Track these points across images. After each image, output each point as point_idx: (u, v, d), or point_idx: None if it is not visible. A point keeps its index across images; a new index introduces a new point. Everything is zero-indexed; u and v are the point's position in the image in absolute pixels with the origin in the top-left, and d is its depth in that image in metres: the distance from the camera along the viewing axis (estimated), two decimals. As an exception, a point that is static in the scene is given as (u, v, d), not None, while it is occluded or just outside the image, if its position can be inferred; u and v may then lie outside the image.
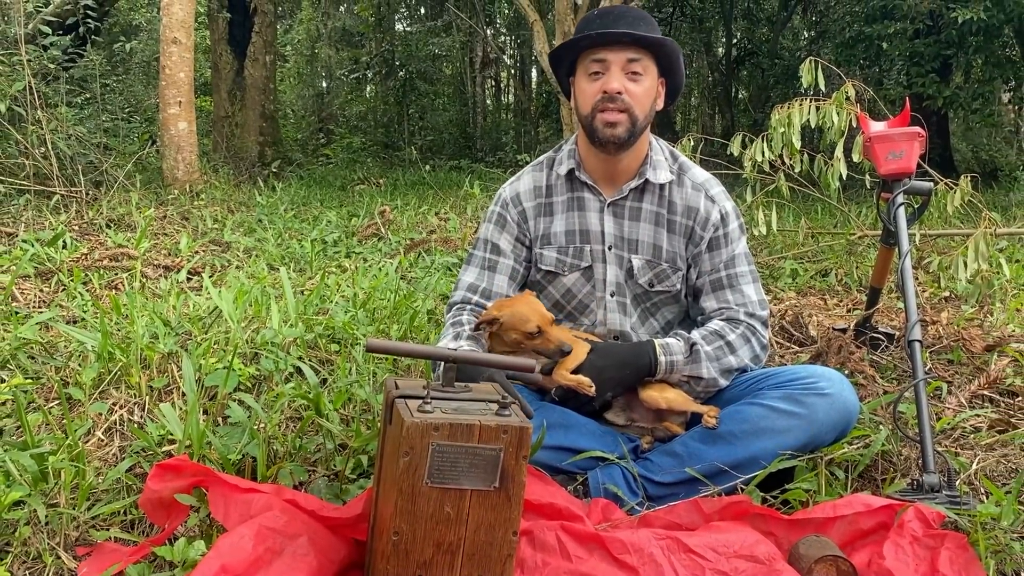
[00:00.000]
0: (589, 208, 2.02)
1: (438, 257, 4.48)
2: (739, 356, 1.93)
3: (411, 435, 1.33)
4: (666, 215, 1.99)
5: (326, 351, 2.58)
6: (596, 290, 2.04)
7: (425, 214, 6.30)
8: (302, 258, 4.45)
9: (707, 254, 1.99)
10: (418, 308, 3.02)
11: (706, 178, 2.02)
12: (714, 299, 1.99)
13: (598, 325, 2.05)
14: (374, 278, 3.75)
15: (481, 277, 2.06)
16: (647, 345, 1.90)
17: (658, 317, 2.05)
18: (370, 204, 6.89)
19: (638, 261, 2.00)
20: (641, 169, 1.99)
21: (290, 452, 1.95)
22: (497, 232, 2.08)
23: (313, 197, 7.67)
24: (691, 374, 1.91)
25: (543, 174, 2.09)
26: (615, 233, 2.01)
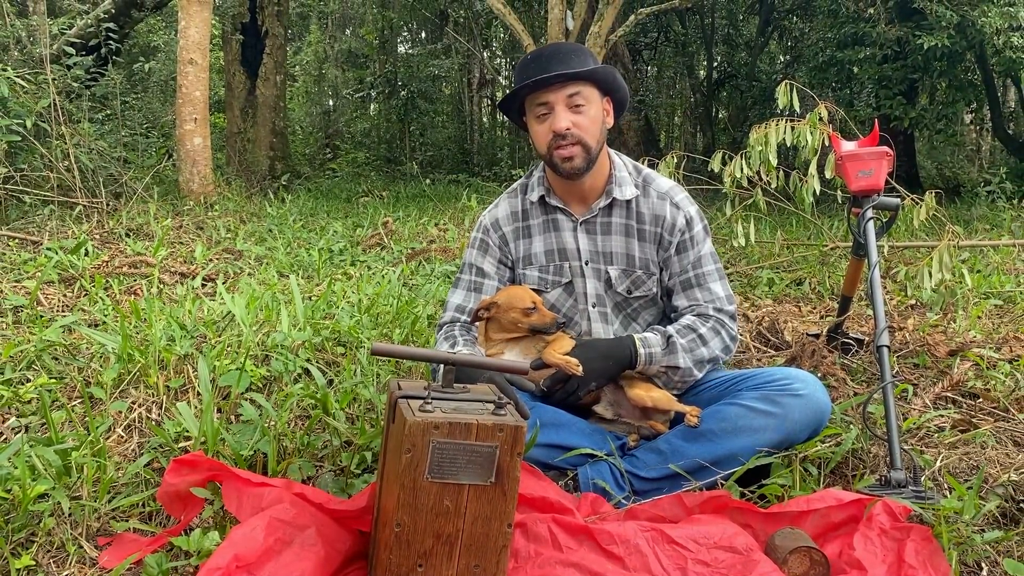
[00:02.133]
0: (563, 228, 2.04)
1: (437, 265, 4.48)
2: (711, 347, 1.95)
3: (413, 433, 1.33)
4: (635, 225, 2.01)
5: (333, 353, 2.59)
6: (578, 303, 2.05)
7: (425, 225, 6.30)
8: (310, 266, 4.45)
9: (675, 257, 2.00)
10: (419, 313, 3.02)
11: (670, 186, 2.04)
12: (684, 297, 2.01)
13: (583, 335, 2.07)
14: (377, 285, 3.75)
15: (468, 298, 2.07)
16: (627, 339, 1.92)
17: (639, 321, 2.07)
18: (374, 215, 6.89)
19: (614, 271, 2.02)
20: (607, 188, 2.01)
21: (299, 448, 1.95)
22: (480, 256, 2.10)
23: (320, 209, 7.66)
24: (668, 364, 1.92)
25: (518, 200, 2.11)
26: (590, 248, 2.02)
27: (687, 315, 2.00)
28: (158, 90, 11.12)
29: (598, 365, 1.87)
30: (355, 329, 2.73)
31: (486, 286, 2.07)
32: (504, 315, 1.92)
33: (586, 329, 2.06)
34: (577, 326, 2.07)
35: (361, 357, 2.51)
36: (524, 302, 1.89)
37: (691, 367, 1.94)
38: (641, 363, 1.91)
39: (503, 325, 1.93)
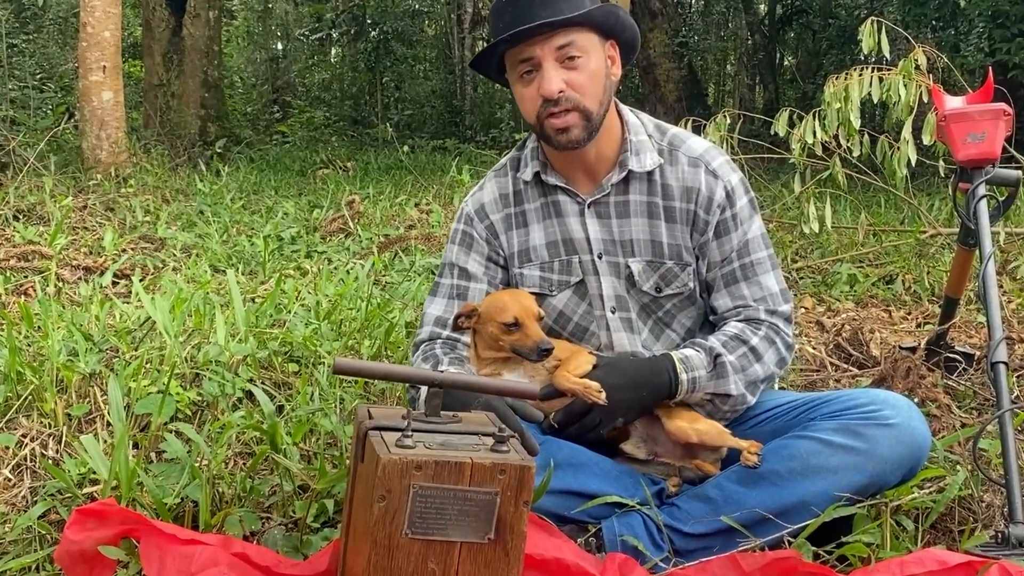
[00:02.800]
0: (567, 213, 2.04)
1: (419, 258, 4.48)
2: (765, 363, 1.95)
3: (388, 475, 1.33)
4: (661, 203, 2.01)
5: (283, 372, 2.59)
6: (594, 308, 2.05)
7: (403, 205, 6.31)
8: (253, 258, 4.46)
9: (715, 242, 2.00)
10: (395, 320, 3.03)
11: (704, 149, 2.04)
12: (728, 296, 2.01)
13: (604, 349, 2.06)
14: (341, 283, 3.75)
15: (450, 308, 2.07)
16: (664, 360, 1.92)
17: (675, 327, 2.07)
18: (335, 192, 6.90)
19: (637, 264, 2.02)
20: (621, 157, 2.01)
21: (240, 495, 1.95)
22: (463, 254, 2.10)
23: (266, 184, 7.67)
24: (716, 391, 1.92)
25: (507, 179, 2.11)
26: (603, 237, 2.03)
27: (733, 320, 2.00)
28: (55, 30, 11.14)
29: (627, 395, 1.87)
30: (312, 340, 2.74)
31: (472, 291, 2.07)
32: (485, 328, 1.93)
33: (606, 342, 2.06)
34: (594, 339, 2.07)
35: (320, 376, 2.51)
36: (504, 314, 1.88)
37: (744, 392, 1.94)
38: (683, 391, 1.91)
39: (486, 341, 1.94)
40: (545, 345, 1.84)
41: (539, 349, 1.84)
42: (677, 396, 1.91)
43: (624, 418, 1.89)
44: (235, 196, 6.61)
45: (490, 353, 1.94)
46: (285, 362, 2.64)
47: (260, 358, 2.59)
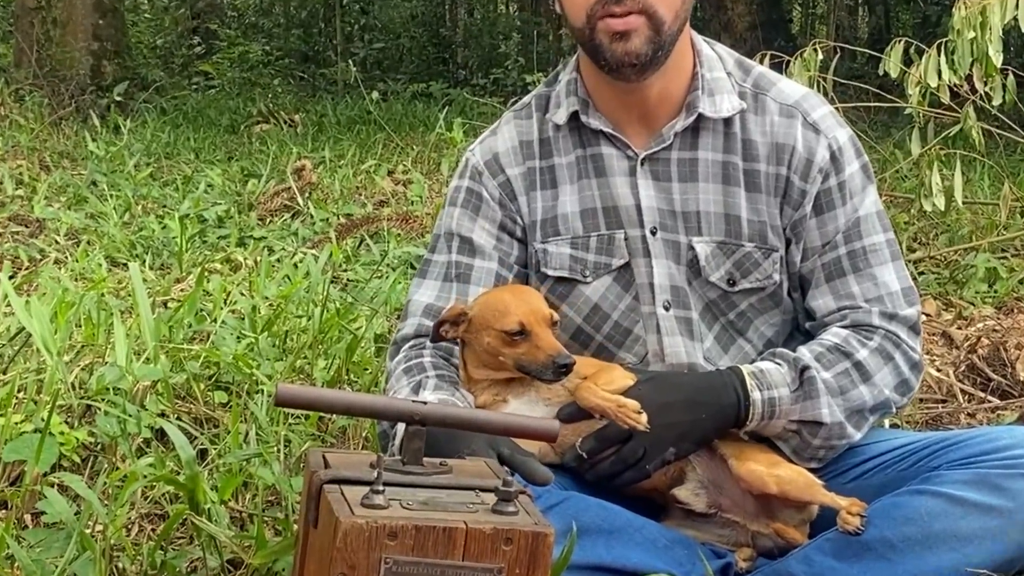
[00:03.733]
0: (613, 171, 2.06)
1: (394, 246, 4.48)
2: (875, 386, 1.96)
3: (351, 545, 1.33)
4: (740, 163, 2.03)
5: (207, 403, 2.59)
6: (641, 302, 2.07)
7: (371, 173, 6.31)
8: (165, 247, 4.46)
9: (814, 220, 2.02)
10: (360, 332, 3.04)
11: (802, 95, 2.06)
12: (830, 293, 2.03)
13: (652, 360, 2.08)
14: (285, 282, 3.75)
15: (446, 293, 2.09)
16: (730, 375, 1.94)
17: (751, 335, 2.09)
18: (278, 157, 6.91)
19: (704, 246, 2.04)
20: (689, 98, 2.03)
21: (147, 572, 1.94)
22: (467, 219, 2.12)
23: (183, 144, 7.67)
24: (803, 418, 1.93)
25: (531, 123, 2.13)
26: (660, 206, 2.04)
27: (834, 327, 2.01)
28: None
29: (680, 417, 1.89)
30: (246, 360, 2.74)
31: (477, 271, 2.09)
32: (478, 338, 1.93)
33: (654, 349, 2.07)
34: (638, 345, 2.08)
35: (258, 409, 2.51)
36: (505, 319, 1.88)
37: (842, 421, 1.95)
38: (756, 416, 1.92)
39: (480, 356, 1.94)
40: (563, 360, 1.84)
41: (555, 365, 1.84)
42: (748, 423, 1.92)
43: (676, 449, 1.90)
44: (140, 161, 6.63)
45: (485, 372, 1.94)
46: (209, 389, 2.64)
47: (175, 384, 2.59)
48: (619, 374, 1.92)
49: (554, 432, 1.54)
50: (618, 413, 1.83)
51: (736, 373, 1.93)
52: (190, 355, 2.75)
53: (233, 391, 2.66)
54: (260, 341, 2.93)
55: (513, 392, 1.93)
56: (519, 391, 1.94)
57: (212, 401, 2.60)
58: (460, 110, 9.80)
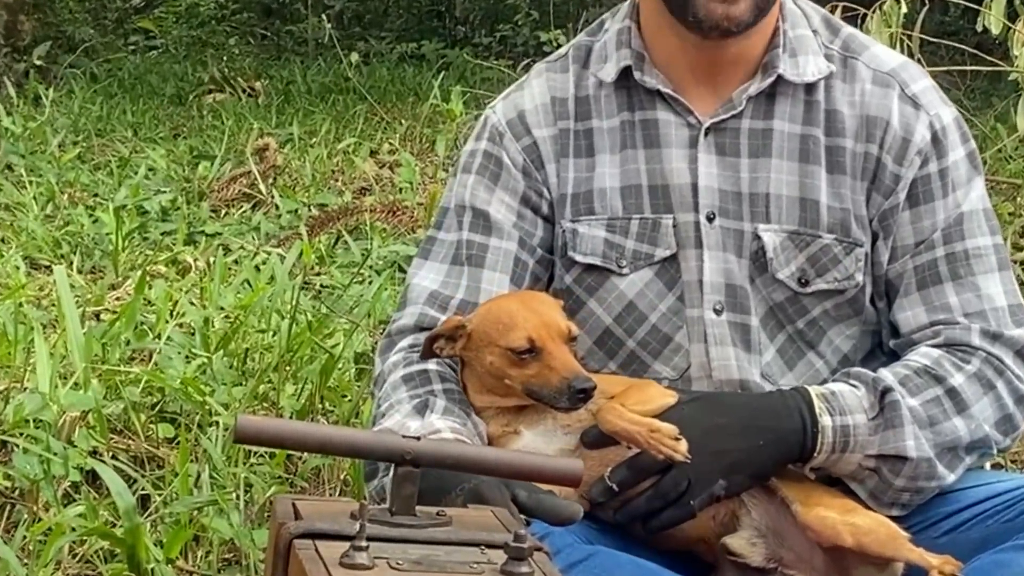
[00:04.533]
0: (668, 140, 2.08)
1: (378, 244, 4.48)
2: (973, 419, 1.97)
3: (328, 614, 1.33)
4: (822, 137, 2.05)
5: (149, 439, 2.60)
6: (686, 303, 2.09)
7: (350, 154, 6.31)
8: (97, 246, 4.46)
9: (907, 212, 2.04)
10: (337, 350, 3.04)
11: (899, 63, 2.08)
12: (921, 303, 2.04)
13: (695, 375, 2.09)
14: (246, 288, 3.75)
15: (453, 279, 2.11)
16: (795, 396, 1.95)
17: (823, 349, 2.10)
18: (236, 133, 6.92)
19: (773, 235, 2.06)
20: (768, 57, 2.05)
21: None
22: (484, 189, 2.14)
23: (118, 118, 7.66)
24: (883, 452, 1.94)
25: (568, 77, 2.15)
26: (721, 186, 2.07)
27: (924, 345, 2.02)
28: None
29: (731, 442, 1.91)
30: (196, 385, 2.74)
31: (493, 253, 2.11)
32: (478, 357, 1.95)
33: (700, 361, 2.09)
34: (680, 356, 2.10)
35: (212, 446, 2.52)
36: (511, 333, 1.90)
37: (931, 458, 1.95)
38: (826, 447, 1.93)
39: (481, 377, 1.96)
40: (581, 383, 1.84)
41: (571, 389, 1.85)
42: (816, 456, 1.93)
43: (727, 483, 1.91)
44: (66, 140, 6.63)
45: (489, 399, 1.96)
46: (152, 422, 2.65)
47: (110, 415, 2.59)
48: (656, 391, 1.94)
49: (577, 474, 1.53)
50: (650, 440, 1.83)
51: (802, 394, 1.94)
52: (128, 379, 2.75)
53: (181, 423, 2.66)
54: (214, 362, 2.93)
55: (526, 421, 1.94)
56: (533, 419, 1.94)
57: (155, 436, 2.61)
58: (459, 76, 9.80)
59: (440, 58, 11.28)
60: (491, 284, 2.08)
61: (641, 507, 1.90)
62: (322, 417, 2.81)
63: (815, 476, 1.97)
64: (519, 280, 2.10)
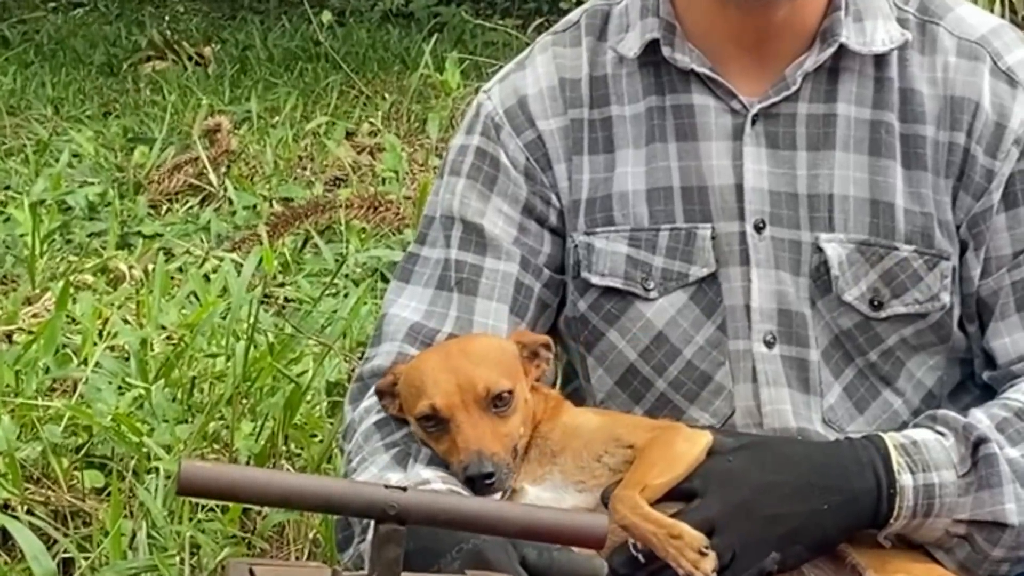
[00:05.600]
0: (708, 131, 2.10)
1: (356, 247, 4.48)
2: None
3: None
4: (897, 125, 2.06)
5: (73, 488, 2.61)
6: (729, 334, 2.11)
7: (322, 136, 6.31)
8: (9, 251, 4.46)
9: (1003, 216, 2.05)
10: (305, 380, 3.06)
11: (991, 28, 2.08)
12: (1021, 328, 2.04)
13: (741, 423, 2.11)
14: (192, 303, 3.76)
15: (439, 307, 2.13)
16: (868, 447, 1.96)
17: (901, 386, 2.11)
18: (180, 111, 6.93)
19: (839, 247, 2.07)
20: (827, 23, 2.06)
21: None
22: (477, 197, 2.15)
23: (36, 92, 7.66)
24: (976, 517, 1.95)
25: (580, 52, 2.17)
26: (773, 187, 2.08)
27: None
28: None
29: (788, 506, 1.91)
30: (131, 423, 2.75)
31: (488, 277, 2.12)
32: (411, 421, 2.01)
33: (747, 406, 2.11)
34: (721, 399, 2.12)
35: (151, 498, 2.53)
36: (417, 403, 1.94)
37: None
38: (906, 511, 1.94)
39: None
40: (476, 468, 1.87)
41: (465, 474, 1.88)
42: (893, 522, 1.95)
43: (782, 555, 1.92)
44: (-28, 118, 6.66)
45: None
46: (77, 468, 2.66)
47: (25, 460, 2.60)
48: (683, 445, 1.94)
49: (602, 532, 1.52)
50: (668, 548, 1.84)
51: (877, 445, 1.95)
52: (48, 415, 2.77)
53: (113, 470, 2.67)
54: (153, 393, 2.93)
55: (529, 476, 1.97)
56: (537, 473, 1.97)
57: (81, 485, 2.62)
58: (456, 39, 9.81)
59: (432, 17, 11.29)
60: (486, 315, 2.09)
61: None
62: (286, 462, 2.81)
63: (891, 543, 1.98)
64: (521, 309, 2.11)
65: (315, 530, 2.53)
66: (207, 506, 2.54)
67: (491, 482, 1.86)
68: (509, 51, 8.28)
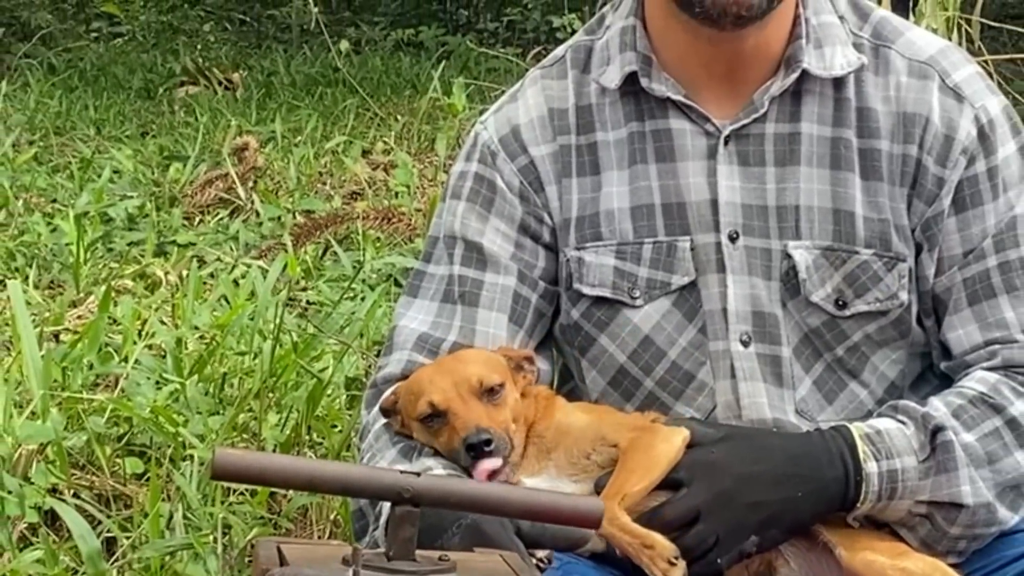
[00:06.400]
0: (684, 152, 2.09)
1: (371, 255, 4.48)
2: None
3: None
4: (855, 140, 2.06)
5: (116, 474, 2.60)
6: (709, 335, 2.10)
7: (340, 154, 6.31)
8: (56, 258, 4.47)
9: (954, 219, 2.04)
10: (326, 375, 3.05)
11: (938, 49, 2.08)
12: (974, 320, 2.04)
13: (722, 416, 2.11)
14: (223, 305, 3.76)
15: (444, 319, 2.13)
16: (836, 438, 1.96)
17: (866, 378, 2.11)
18: (211, 131, 6.92)
19: (806, 253, 2.06)
20: (790, 50, 2.06)
21: None
22: (476, 218, 2.15)
23: (80, 114, 7.66)
24: (936, 498, 1.95)
25: (567, 84, 2.17)
26: (745, 200, 2.08)
27: (980, 368, 2.03)
28: None
29: (765, 494, 1.92)
30: (168, 414, 2.75)
31: (489, 290, 2.12)
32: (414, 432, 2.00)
33: (727, 400, 2.10)
34: (704, 395, 2.11)
35: (186, 483, 2.52)
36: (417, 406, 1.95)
37: (990, 502, 1.96)
38: (871, 495, 1.94)
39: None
40: (474, 437, 1.87)
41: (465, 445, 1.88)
42: (860, 505, 1.95)
43: (760, 538, 1.92)
44: (21, 138, 6.64)
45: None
46: (119, 455, 2.65)
47: (72, 448, 2.59)
48: (663, 447, 1.93)
49: (598, 513, 1.52)
50: (641, 556, 1.84)
51: (844, 436, 1.95)
52: (92, 408, 2.76)
53: (151, 457, 2.66)
54: (188, 388, 2.93)
55: (527, 470, 1.96)
56: (534, 468, 1.97)
57: (123, 471, 2.61)
58: (462, 66, 9.82)
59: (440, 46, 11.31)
60: (487, 325, 2.10)
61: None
62: (309, 450, 2.81)
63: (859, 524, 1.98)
64: (519, 318, 2.12)
65: (336, 512, 2.53)
66: (238, 490, 2.53)
67: (490, 448, 1.86)
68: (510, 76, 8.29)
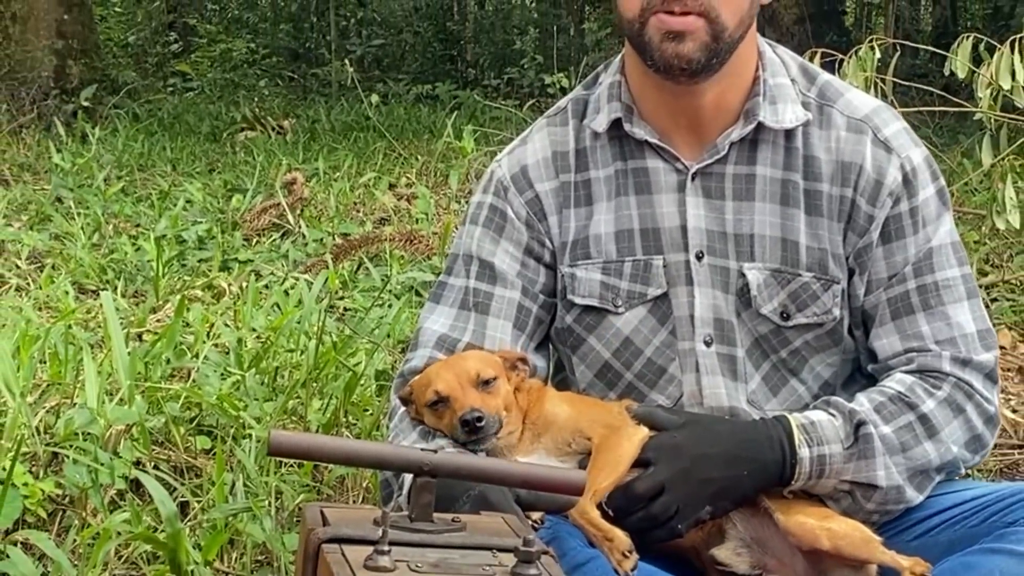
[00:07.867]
0: (659, 187, 2.10)
1: (396, 270, 4.48)
2: (942, 443, 1.98)
3: (354, 613, 1.33)
4: (801, 182, 2.06)
5: (188, 450, 2.60)
6: (678, 337, 2.10)
7: (370, 187, 6.31)
8: (140, 272, 4.48)
9: (880, 248, 2.05)
10: (359, 368, 3.05)
11: (873, 108, 2.09)
12: (895, 332, 2.05)
13: (688, 403, 2.11)
14: (275, 311, 3.76)
15: (460, 323, 2.13)
16: (776, 427, 1.96)
17: (805, 377, 2.11)
18: (266, 168, 6.93)
19: (757, 273, 2.07)
20: (748, 105, 2.06)
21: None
22: (490, 241, 2.16)
23: (159, 154, 7.67)
24: (856, 479, 1.96)
25: (567, 130, 2.16)
26: (709, 227, 2.08)
27: (899, 372, 2.03)
28: None
29: (716, 471, 1.92)
30: (231, 400, 2.75)
31: (498, 301, 2.13)
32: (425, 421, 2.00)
33: (691, 390, 2.11)
34: (673, 385, 2.12)
35: (246, 456, 2.52)
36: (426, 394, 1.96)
37: (900, 485, 1.97)
38: (803, 475, 1.94)
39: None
40: (467, 415, 1.88)
41: (459, 422, 1.89)
42: (794, 482, 1.95)
43: (712, 508, 1.93)
44: (111, 174, 6.64)
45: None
46: (191, 434, 2.65)
47: (152, 428, 2.60)
48: (627, 445, 1.94)
49: (580, 484, 1.55)
50: (603, 548, 1.85)
51: (783, 425, 1.95)
52: (169, 395, 2.76)
53: (217, 436, 2.67)
54: (247, 379, 2.94)
55: (522, 452, 1.98)
56: (526, 449, 1.98)
57: (194, 447, 2.61)
58: (470, 115, 9.81)
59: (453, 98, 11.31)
60: (495, 330, 2.11)
61: (633, 527, 1.91)
62: (346, 430, 2.82)
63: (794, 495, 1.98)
64: (522, 325, 2.12)
65: (367, 481, 2.53)
66: (288, 463, 2.54)
67: (481, 424, 1.88)
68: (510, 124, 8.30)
